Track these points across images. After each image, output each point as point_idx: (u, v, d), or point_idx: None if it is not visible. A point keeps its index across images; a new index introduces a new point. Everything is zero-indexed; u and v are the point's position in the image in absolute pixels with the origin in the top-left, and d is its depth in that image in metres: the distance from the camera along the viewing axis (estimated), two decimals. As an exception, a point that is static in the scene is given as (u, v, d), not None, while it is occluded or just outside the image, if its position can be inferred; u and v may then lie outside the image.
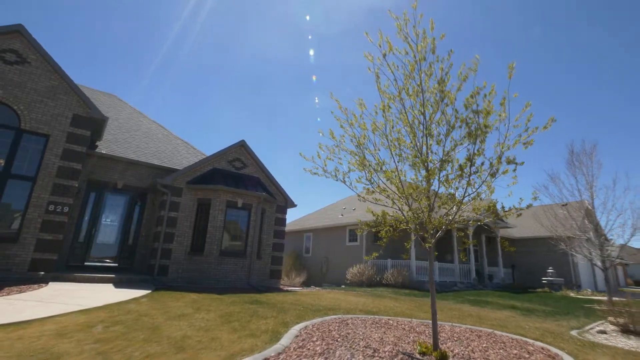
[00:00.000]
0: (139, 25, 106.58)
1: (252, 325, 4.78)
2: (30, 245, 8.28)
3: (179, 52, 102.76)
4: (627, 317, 7.62)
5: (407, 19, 4.43)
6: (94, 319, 4.49)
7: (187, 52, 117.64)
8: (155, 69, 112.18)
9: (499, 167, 3.64)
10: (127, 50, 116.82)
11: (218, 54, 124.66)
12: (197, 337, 3.94)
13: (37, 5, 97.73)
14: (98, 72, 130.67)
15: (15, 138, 8.59)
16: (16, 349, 3.11)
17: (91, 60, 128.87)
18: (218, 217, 10.80)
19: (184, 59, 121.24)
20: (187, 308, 5.75)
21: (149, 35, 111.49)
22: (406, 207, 4.52)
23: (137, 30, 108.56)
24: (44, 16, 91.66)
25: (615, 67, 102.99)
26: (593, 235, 12.25)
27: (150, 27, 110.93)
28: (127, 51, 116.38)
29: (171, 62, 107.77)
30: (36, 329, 3.83)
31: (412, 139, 4.38)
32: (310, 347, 3.97)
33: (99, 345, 3.40)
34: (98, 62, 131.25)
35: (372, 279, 15.57)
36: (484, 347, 4.81)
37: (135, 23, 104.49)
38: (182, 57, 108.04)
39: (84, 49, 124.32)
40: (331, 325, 5.37)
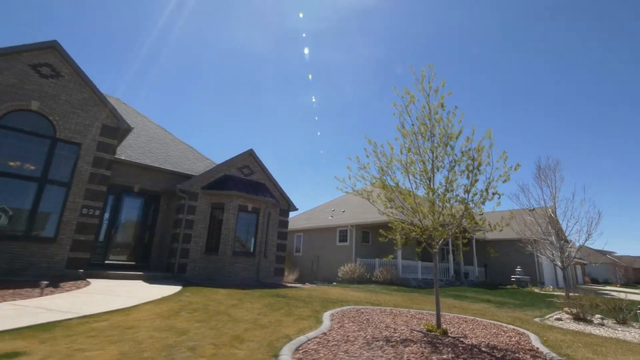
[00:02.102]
0: (120, 21, 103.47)
1: (295, 312, 6.03)
2: (66, 245, 9.09)
3: (162, 48, 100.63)
4: (579, 308, 9.39)
5: (423, 73, 5.84)
6: (170, 307, 5.59)
7: (171, 48, 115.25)
8: (138, 64, 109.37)
9: (487, 196, 5.08)
10: (108, 46, 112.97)
11: (201, 50, 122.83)
12: (264, 320, 5.16)
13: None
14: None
15: (51, 146, 9.34)
16: (148, 327, 4.22)
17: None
18: (231, 220, 11.88)
19: (168, 54, 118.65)
20: (230, 299, 6.90)
21: (133, 30, 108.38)
22: (417, 220, 5.87)
23: (118, 26, 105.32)
24: (24, 5, 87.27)
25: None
26: (555, 239, 14.21)
27: (133, 22, 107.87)
28: (109, 48, 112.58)
29: (155, 57, 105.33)
30: (138, 314, 4.92)
31: (423, 169, 5.75)
32: (348, 327, 5.28)
33: (201, 324, 4.56)
34: (78, 57, 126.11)
35: (362, 276, 17.03)
36: (471, 328, 6.28)
37: (117, 20, 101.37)
38: (166, 53, 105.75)
39: (64, 41, 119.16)
40: (351, 313, 6.68)
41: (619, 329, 8.20)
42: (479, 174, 5.08)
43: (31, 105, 9.11)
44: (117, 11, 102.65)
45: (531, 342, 5.47)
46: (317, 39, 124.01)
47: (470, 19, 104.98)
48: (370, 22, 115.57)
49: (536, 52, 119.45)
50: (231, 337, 4.05)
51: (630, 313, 9.36)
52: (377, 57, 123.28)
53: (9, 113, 8.81)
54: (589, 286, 32.05)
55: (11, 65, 8.99)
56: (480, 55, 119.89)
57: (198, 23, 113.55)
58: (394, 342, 4.52)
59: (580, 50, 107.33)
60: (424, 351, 4.20)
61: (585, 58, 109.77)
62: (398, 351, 4.09)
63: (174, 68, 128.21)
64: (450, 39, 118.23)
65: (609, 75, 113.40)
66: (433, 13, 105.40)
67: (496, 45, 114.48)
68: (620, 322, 8.94)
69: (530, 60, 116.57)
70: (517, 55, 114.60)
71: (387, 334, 5.07)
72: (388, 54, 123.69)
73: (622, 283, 41.30)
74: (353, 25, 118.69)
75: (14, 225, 8.60)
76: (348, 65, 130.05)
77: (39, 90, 9.30)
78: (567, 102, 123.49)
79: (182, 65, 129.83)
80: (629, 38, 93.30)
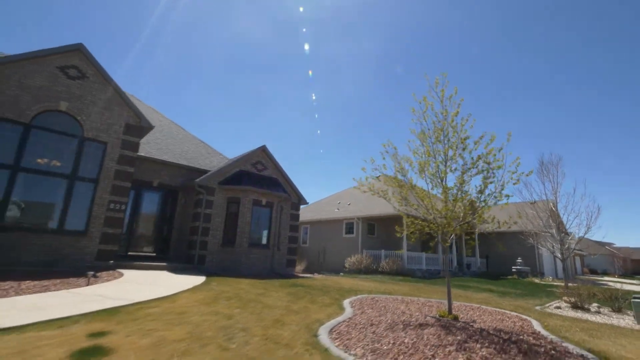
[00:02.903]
0: (116, 12, 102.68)
1: (318, 300, 6.62)
2: (96, 238, 9.67)
3: (160, 37, 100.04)
4: (577, 297, 9.99)
5: (437, 81, 6.32)
6: (205, 296, 6.17)
7: (169, 37, 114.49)
8: (134, 56, 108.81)
9: (499, 197, 5.61)
10: (104, 39, 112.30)
11: (199, 38, 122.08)
12: (294, 306, 5.75)
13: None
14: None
15: (80, 145, 9.85)
16: (196, 312, 4.80)
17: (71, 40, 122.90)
18: (246, 214, 12.45)
19: (166, 43, 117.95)
20: (255, 289, 7.50)
21: (131, 19, 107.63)
22: (432, 217, 6.39)
23: (114, 18, 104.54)
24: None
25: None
26: (556, 232, 14.78)
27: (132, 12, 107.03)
28: (105, 40, 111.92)
29: (153, 46, 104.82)
30: (181, 302, 5.51)
31: (437, 170, 6.27)
32: (369, 313, 5.87)
33: (240, 310, 5.14)
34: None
35: (369, 267, 17.68)
36: (478, 314, 6.87)
37: (113, 12, 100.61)
38: (163, 41, 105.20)
39: (61, 31, 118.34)
40: (367, 301, 7.28)
41: (614, 316, 8.80)
42: (492, 177, 5.59)
43: (60, 106, 9.60)
44: (114, 2, 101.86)
45: (533, 326, 6.06)
46: (318, 31, 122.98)
47: (472, 13, 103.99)
48: (372, 14, 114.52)
49: (537, 51, 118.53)
50: (272, 321, 4.63)
51: (625, 302, 9.94)
52: (378, 51, 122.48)
53: (40, 114, 9.30)
54: (588, 277, 32.78)
55: (41, 68, 9.44)
56: (480, 52, 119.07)
57: (196, 13, 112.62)
58: (413, 326, 5.11)
59: (580, 49, 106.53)
60: (440, 333, 4.78)
61: (586, 57, 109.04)
62: (418, 333, 4.67)
63: (172, 59, 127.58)
64: (451, 36, 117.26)
65: (609, 72, 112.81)
66: (433, 11, 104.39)
67: (496, 43, 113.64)
68: (616, 310, 9.54)
69: (532, 58, 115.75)
70: (517, 53, 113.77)
71: (405, 318, 5.66)
72: (390, 46, 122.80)
73: (620, 274, 42.10)
74: (354, 17, 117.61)
75: (48, 219, 9.18)
76: (349, 59, 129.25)
77: (67, 92, 9.77)
78: (570, 97, 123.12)
79: (180, 57, 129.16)
80: (629, 38, 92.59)
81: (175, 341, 3.52)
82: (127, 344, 3.33)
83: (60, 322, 3.87)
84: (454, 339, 4.52)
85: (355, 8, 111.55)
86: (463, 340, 4.49)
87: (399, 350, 3.86)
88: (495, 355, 3.98)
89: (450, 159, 6.10)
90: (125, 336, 3.55)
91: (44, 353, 2.95)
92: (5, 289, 5.41)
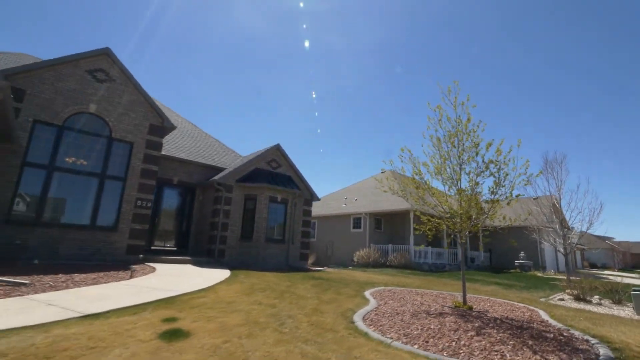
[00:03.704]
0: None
1: (342, 292, 7.19)
2: (125, 233, 10.23)
3: (158, 27, 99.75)
4: (579, 290, 10.56)
5: (449, 89, 6.80)
6: (241, 287, 6.73)
7: (167, 27, 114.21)
8: (132, 46, 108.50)
9: (511, 197, 6.13)
10: (101, 31, 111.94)
11: (198, 31, 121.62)
12: (324, 297, 6.31)
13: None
14: (71, 44, 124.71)
15: (108, 145, 10.36)
16: (241, 302, 5.36)
17: (67, 34, 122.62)
18: (263, 210, 13.00)
19: (164, 34, 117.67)
20: (282, 281, 8.07)
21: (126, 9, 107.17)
22: (448, 216, 6.91)
23: (112, 9, 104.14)
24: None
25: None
26: (558, 227, 15.32)
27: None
28: (102, 32, 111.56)
29: (150, 36, 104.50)
30: (222, 293, 6.06)
31: (452, 172, 6.78)
32: (391, 304, 6.43)
33: (279, 300, 5.70)
34: (74, 36, 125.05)
35: (377, 261, 18.28)
36: (489, 305, 7.44)
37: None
38: (162, 31, 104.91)
39: (57, 17, 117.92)
40: (386, 292, 7.84)
41: (615, 307, 9.38)
42: (504, 180, 6.11)
43: (90, 108, 10.09)
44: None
45: (541, 316, 6.63)
46: (317, 23, 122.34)
47: (472, 5, 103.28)
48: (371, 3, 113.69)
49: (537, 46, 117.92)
50: (311, 310, 5.20)
51: (625, 294, 10.51)
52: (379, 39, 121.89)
53: (72, 115, 9.79)
54: (588, 270, 33.42)
55: (72, 71, 9.91)
56: (482, 47, 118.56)
57: (194, 4, 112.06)
58: (434, 315, 5.67)
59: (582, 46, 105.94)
60: (458, 321, 5.34)
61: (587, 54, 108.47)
62: (440, 320, 5.23)
63: (169, 52, 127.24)
64: (454, 28, 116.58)
65: (611, 67, 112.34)
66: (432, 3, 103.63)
67: (497, 39, 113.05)
68: (616, 302, 10.12)
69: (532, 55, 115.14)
70: (517, 46, 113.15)
71: (424, 308, 6.22)
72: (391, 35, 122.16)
73: (619, 267, 42.75)
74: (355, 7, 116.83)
75: (82, 216, 9.72)
76: (349, 49, 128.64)
77: (95, 94, 10.25)
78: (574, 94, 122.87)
79: (178, 49, 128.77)
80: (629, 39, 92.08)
81: (237, 326, 4.08)
82: (198, 328, 3.88)
83: (130, 309, 4.43)
84: (472, 326, 5.08)
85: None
86: (480, 327, 5.05)
87: (428, 335, 4.42)
88: (510, 338, 4.54)
89: (464, 162, 6.61)
90: (192, 322, 4.10)
91: (135, 334, 3.51)
92: (64, 281, 5.97)
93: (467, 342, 4.25)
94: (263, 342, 3.58)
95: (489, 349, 4.01)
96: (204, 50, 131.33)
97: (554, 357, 3.90)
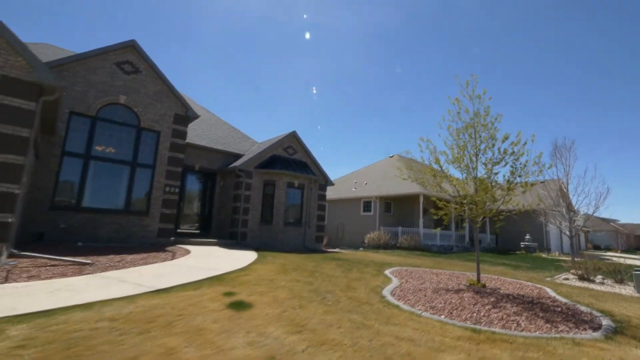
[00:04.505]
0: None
1: (365, 271, 7.84)
2: (156, 217, 10.91)
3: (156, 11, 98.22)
4: (583, 270, 11.16)
5: (468, 82, 7.21)
6: (274, 267, 7.39)
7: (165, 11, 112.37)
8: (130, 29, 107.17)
9: (526, 187, 6.64)
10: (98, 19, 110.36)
11: (194, 11, 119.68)
12: (351, 275, 6.96)
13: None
14: (65, 30, 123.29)
15: (137, 135, 10.91)
16: (280, 279, 6.01)
17: (55, 17, 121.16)
18: (281, 195, 13.62)
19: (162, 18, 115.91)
20: (307, 261, 8.73)
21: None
22: (466, 202, 7.44)
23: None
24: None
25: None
26: (565, 211, 15.83)
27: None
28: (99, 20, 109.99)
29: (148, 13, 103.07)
30: (261, 272, 6.72)
31: (469, 161, 7.27)
32: (411, 282, 7.07)
33: (313, 278, 6.34)
34: (66, 19, 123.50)
35: (387, 243, 19.00)
36: (500, 283, 8.08)
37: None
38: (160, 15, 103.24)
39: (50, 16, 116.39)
40: (403, 272, 8.49)
41: (617, 286, 9.99)
42: (521, 170, 6.62)
43: (119, 99, 10.58)
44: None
45: (548, 293, 7.24)
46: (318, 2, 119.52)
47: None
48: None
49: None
50: (344, 286, 5.84)
51: (627, 274, 11.11)
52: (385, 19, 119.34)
53: (103, 107, 10.31)
54: (591, 252, 34.06)
55: (102, 64, 10.35)
56: (495, 28, 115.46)
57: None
58: (452, 291, 6.30)
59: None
60: (475, 296, 5.97)
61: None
62: (459, 296, 5.86)
63: (166, 29, 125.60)
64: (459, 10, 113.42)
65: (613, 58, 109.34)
66: None
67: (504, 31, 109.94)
68: (618, 282, 10.72)
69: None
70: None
71: (443, 286, 6.86)
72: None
73: (623, 249, 43.38)
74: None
75: (117, 201, 10.39)
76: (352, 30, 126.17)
77: (124, 86, 10.72)
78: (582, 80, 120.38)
79: (175, 27, 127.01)
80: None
81: (287, 299, 4.72)
82: (255, 300, 4.52)
83: (190, 286, 5.08)
84: (488, 300, 5.70)
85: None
86: (495, 301, 5.67)
87: (451, 307, 5.04)
88: (523, 311, 5.15)
89: (481, 152, 7.09)
90: (248, 295, 4.74)
91: (207, 305, 4.14)
92: (119, 261, 6.65)
93: (486, 313, 4.87)
94: (314, 312, 4.21)
95: (506, 319, 4.63)
96: (202, 35, 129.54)
97: (563, 326, 4.51)
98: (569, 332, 4.25)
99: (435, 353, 3.20)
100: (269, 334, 3.36)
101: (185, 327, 3.36)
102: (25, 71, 5.71)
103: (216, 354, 2.83)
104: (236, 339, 3.17)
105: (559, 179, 16.60)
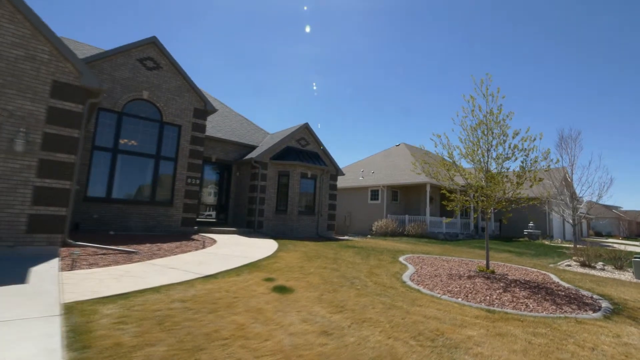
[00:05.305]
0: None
1: (382, 258, 8.44)
2: (179, 207, 11.51)
3: None
4: (585, 257, 11.74)
5: (482, 80, 7.62)
6: (298, 255, 7.99)
7: None
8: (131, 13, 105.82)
9: (535, 181, 7.14)
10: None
11: None
12: (370, 262, 7.55)
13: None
14: (62, 20, 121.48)
15: (160, 129, 11.40)
16: (309, 267, 6.60)
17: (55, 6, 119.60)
18: (295, 185, 14.17)
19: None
20: (325, 249, 9.33)
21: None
22: (477, 194, 7.95)
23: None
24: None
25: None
26: (568, 199, 16.33)
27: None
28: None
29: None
30: (288, 259, 7.31)
31: (482, 156, 7.75)
32: (426, 268, 7.66)
33: (337, 265, 6.94)
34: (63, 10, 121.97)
35: (395, 230, 19.62)
36: (507, 270, 8.67)
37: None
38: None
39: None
40: (416, 259, 9.09)
41: (617, 272, 10.58)
42: (531, 166, 7.10)
43: (143, 95, 11.04)
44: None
45: (552, 278, 7.83)
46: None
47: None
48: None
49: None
50: (367, 273, 6.43)
51: (627, 261, 11.68)
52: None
53: (128, 102, 10.78)
54: (593, 239, 34.68)
55: (126, 61, 10.77)
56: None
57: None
58: (465, 277, 6.89)
59: None
60: (486, 281, 6.55)
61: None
62: (472, 281, 6.45)
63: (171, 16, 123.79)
64: None
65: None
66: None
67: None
68: (618, 268, 11.31)
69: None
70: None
71: (455, 272, 7.45)
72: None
73: (624, 236, 43.99)
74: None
75: (143, 193, 10.97)
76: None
77: (146, 82, 11.15)
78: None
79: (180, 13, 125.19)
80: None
81: (320, 284, 5.31)
82: (294, 285, 5.11)
83: (232, 272, 5.67)
84: (499, 285, 6.29)
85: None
86: (505, 286, 6.25)
87: (466, 291, 5.63)
88: (531, 295, 5.73)
89: (493, 147, 7.56)
90: (286, 281, 5.34)
91: (255, 289, 4.74)
92: (157, 250, 7.26)
93: (498, 297, 5.45)
94: (348, 296, 4.80)
95: (516, 301, 5.21)
96: (207, 17, 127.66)
97: (567, 307, 5.09)
98: (572, 313, 4.83)
99: (459, 329, 3.78)
100: (316, 312, 3.95)
101: (245, 307, 3.95)
102: (74, 76, 6.18)
103: (279, 328, 3.42)
104: (291, 317, 3.75)
105: (563, 168, 17.05)
